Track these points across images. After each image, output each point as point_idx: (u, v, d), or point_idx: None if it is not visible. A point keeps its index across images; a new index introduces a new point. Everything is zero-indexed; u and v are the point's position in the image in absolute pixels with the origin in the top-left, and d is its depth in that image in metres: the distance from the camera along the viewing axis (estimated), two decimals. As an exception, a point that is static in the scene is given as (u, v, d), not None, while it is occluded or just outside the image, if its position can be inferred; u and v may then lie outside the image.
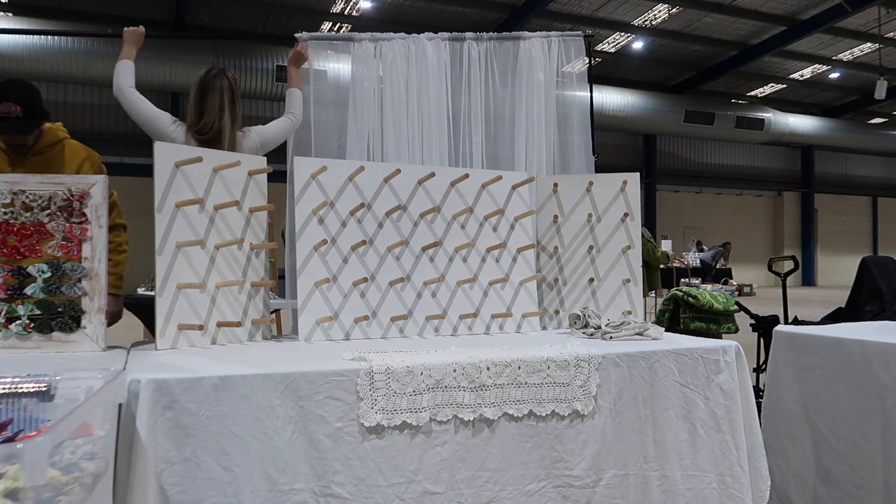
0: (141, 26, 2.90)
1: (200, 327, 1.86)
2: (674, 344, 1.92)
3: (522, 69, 3.36)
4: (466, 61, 3.33)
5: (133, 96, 2.71)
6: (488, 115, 3.36)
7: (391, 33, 3.31)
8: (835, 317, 4.02)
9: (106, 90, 15.53)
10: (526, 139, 3.35)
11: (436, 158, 3.22)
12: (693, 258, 16.69)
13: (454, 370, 1.63)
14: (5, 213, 1.74)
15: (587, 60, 3.49)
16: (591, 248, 2.53)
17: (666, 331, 2.13)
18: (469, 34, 3.34)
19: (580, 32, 3.50)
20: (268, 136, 2.86)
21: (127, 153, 14.86)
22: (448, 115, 3.29)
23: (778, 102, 21.90)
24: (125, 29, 2.85)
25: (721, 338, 3.65)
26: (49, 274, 1.75)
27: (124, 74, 2.73)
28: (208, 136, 2.61)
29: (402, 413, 1.56)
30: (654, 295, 8.61)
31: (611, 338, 2.00)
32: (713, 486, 1.83)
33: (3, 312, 1.73)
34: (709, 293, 4.02)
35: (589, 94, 3.53)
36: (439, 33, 3.33)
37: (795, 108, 22.11)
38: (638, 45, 17.37)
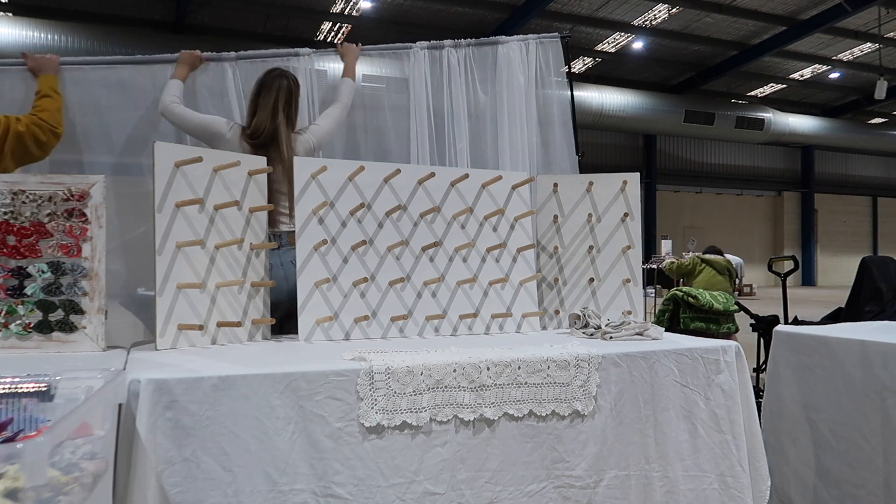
0: (198, 51, 2.92)
1: (200, 327, 1.86)
2: (674, 344, 1.92)
3: (502, 73, 3.39)
4: (447, 69, 3.36)
5: (178, 109, 2.70)
6: (471, 121, 3.39)
7: (381, 45, 3.32)
8: (835, 317, 4.03)
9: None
10: (509, 143, 3.37)
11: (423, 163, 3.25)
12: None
13: (454, 370, 1.63)
14: (5, 213, 1.74)
15: (566, 61, 3.52)
16: (591, 248, 2.53)
17: (666, 331, 2.14)
18: (447, 42, 3.37)
19: (556, 34, 3.54)
20: (322, 133, 2.79)
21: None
22: (430, 122, 3.31)
23: (778, 102, 21.92)
24: (182, 51, 2.88)
25: (723, 337, 3.65)
26: (49, 274, 1.75)
27: (169, 91, 2.73)
28: (260, 140, 2.53)
29: (402, 413, 1.56)
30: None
31: (611, 338, 2.00)
32: (714, 487, 1.83)
33: (3, 312, 1.73)
34: (709, 293, 4.02)
35: (570, 93, 3.55)
36: (417, 42, 3.36)
37: (795, 108, 22.13)
38: (638, 45, 17.38)
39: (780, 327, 2.49)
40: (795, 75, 20.09)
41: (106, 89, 2.91)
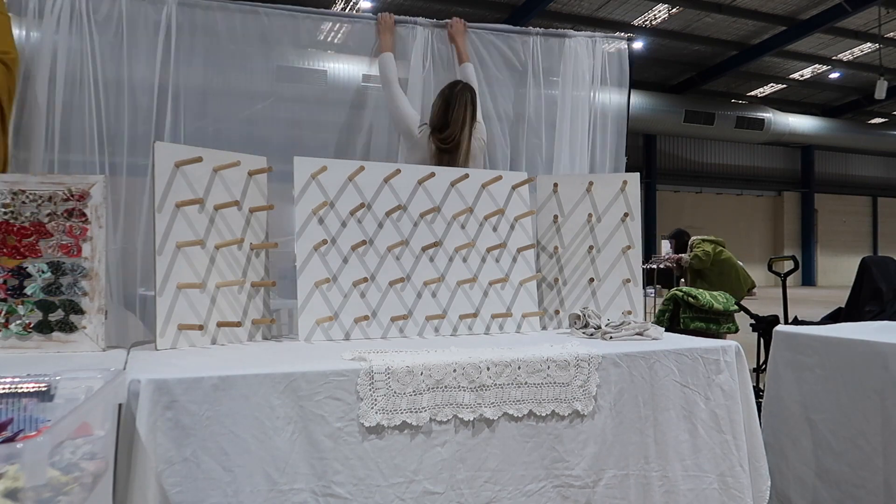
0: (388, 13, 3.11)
1: (200, 327, 1.86)
2: (674, 344, 1.92)
3: (568, 69, 3.45)
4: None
5: (396, 92, 2.95)
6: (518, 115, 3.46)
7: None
8: (835, 317, 4.03)
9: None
10: (569, 141, 3.43)
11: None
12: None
13: (454, 370, 1.63)
14: (5, 213, 1.74)
15: (627, 62, 3.57)
16: (591, 248, 2.53)
17: (666, 331, 2.14)
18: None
19: (623, 35, 3.61)
20: (484, 128, 3.07)
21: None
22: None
23: (778, 102, 21.91)
24: (379, 14, 3.09)
25: (722, 337, 3.65)
26: (49, 274, 1.75)
27: (390, 68, 2.98)
28: (449, 146, 2.86)
29: (402, 413, 1.56)
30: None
31: (611, 338, 2.00)
32: (714, 487, 1.83)
33: (3, 312, 1.73)
34: (709, 293, 4.02)
35: (627, 95, 3.61)
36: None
37: (795, 108, 22.12)
38: (638, 45, 17.37)
39: (780, 327, 2.49)
40: (795, 75, 20.09)
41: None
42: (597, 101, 3.51)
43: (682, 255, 6.29)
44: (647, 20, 15.98)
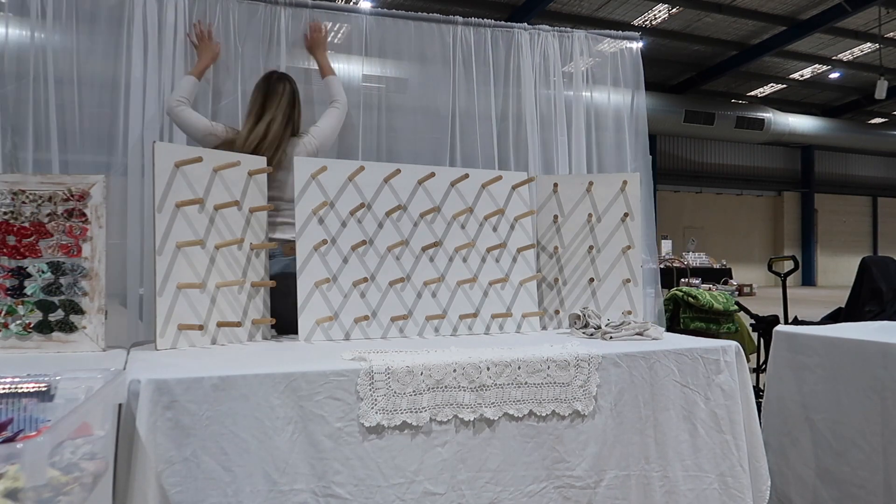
0: (218, 43, 2.83)
1: (200, 327, 1.86)
2: (674, 344, 1.92)
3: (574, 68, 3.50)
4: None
5: (184, 113, 2.61)
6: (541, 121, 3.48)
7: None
8: (835, 317, 4.03)
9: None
10: (571, 142, 3.47)
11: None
12: (694, 258, 16.70)
13: (454, 370, 1.63)
14: (5, 213, 1.74)
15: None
16: (591, 248, 2.53)
17: (666, 331, 2.14)
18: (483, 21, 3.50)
19: (635, 34, 3.65)
20: (325, 134, 2.77)
21: (127, 153, 14.83)
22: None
23: (778, 102, 21.89)
24: (202, 43, 2.80)
25: (723, 337, 3.65)
26: (49, 274, 1.75)
27: (177, 91, 2.65)
28: (261, 151, 2.45)
29: (402, 413, 1.56)
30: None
31: (611, 338, 2.00)
32: (714, 487, 1.83)
33: (3, 312, 1.73)
34: (709, 293, 4.03)
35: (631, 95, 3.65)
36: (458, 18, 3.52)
37: (795, 108, 22.10)
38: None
39: (780, 327, 2.49)
40: (795, 75, 20.07)
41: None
42: (610, 101, 3.57)
43: None
44: (647, 20, 15.97)
